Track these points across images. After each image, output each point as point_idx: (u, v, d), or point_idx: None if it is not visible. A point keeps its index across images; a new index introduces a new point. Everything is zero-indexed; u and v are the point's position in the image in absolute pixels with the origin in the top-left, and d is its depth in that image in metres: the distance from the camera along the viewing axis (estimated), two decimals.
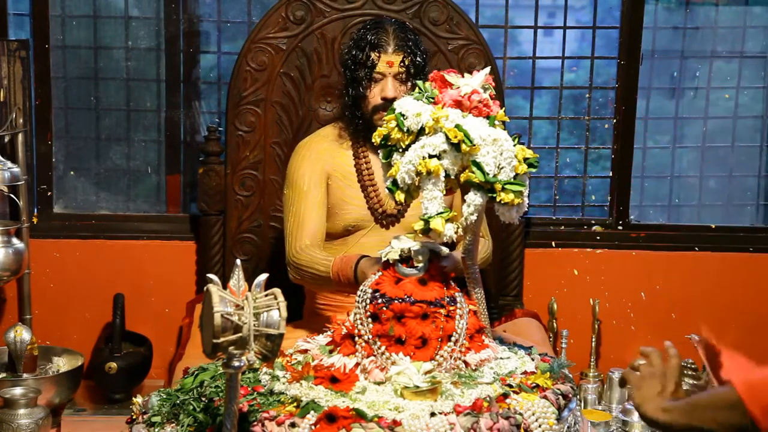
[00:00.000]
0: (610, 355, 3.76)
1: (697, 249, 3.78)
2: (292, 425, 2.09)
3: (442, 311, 2.28)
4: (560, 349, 3.53)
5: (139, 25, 3.73)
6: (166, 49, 3.72)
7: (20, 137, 3.46)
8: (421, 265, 2.34)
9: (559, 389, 2.28)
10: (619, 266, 3.76)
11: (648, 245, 3.77)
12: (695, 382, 2.96)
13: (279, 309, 1.93)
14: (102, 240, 3.65)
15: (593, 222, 3.80)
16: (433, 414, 2.12)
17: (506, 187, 2.28)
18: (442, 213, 2.29)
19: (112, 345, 3.41)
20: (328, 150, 2.97)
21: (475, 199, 2.30)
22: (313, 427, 2.08)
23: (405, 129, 2.33)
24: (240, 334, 1.90)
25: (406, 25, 2.99)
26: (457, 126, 2.27)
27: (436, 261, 2.38)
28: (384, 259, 2.37)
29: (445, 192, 2.33)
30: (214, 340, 1.88)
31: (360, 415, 2.09)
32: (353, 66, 2.89)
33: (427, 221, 2.29)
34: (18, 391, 3.07)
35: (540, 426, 2.18)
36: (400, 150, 2.35)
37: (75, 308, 3.65)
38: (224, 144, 3.41)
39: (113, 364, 3.35)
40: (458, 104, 2.35)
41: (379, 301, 2.28)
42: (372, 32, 2.89)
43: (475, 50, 3.36)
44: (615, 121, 3.75)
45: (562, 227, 3.79)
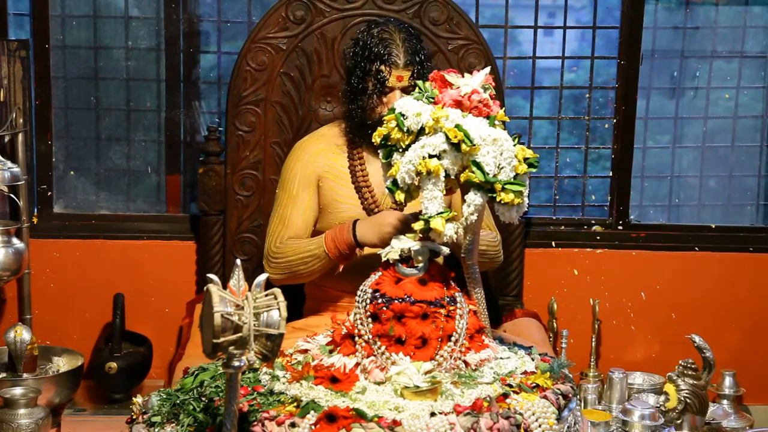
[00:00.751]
0: (610, 355, 3.76)
1: (697, 249, 3.78)
2: (292, 425, 2.09)
3: (442, 311, 2.28)
4: (560, 349, 3.53)
5: (139, 25, 3.73)
6: (166, 49, 3.72)
7: (20, 137, 3.46)
8: (421, 265, 2.34)
9: (559, 389, 2.28)
10: (619, 266, 3.76)
11: (648, 245, 3.77)
12: (695, 382, 2.95)
13: (279, 309, 1.94)
14: (102, 240, 3.65)
15: (593, 222, 3.80)
16: (433, 414, 2.12)
17: (506, 187, 2.28)
18: (442, 213, 2.29)
19: (112, 345, 3.41)
20: (323, 150, 2.97)
21: (475, 199, 2.30)
22: (313, 427, 2.08)
23: (405, 129, 2.33)
24: (240, 334, 1.90)
25: (412, 33, 2.94)
26: (457, 126, 2.27)
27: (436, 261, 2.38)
28: (384, 259, 2.37)
29: (445, 192, 2.33)
30: (214, 340, 1.88)
31: (360, 415, 2.09)
32: (361, 74, 2.88)
33: (427, 221, 2.29)
34: (18, 391, 3.07)
35: (540, 426, 2.18)
36: (400, 150, 2.35)
37: (75, 308, 3.65)
38: (224, 144, 3.41)
39: (113, 364, 3.35)
40: (458, 104, 2.35)
41: (379, 301, 2.28)
42: (381, 44, 2.85)
43: (475, 50, 3.36)
44: (615, 121, 3.75)
45: (562, 227, 3.79)
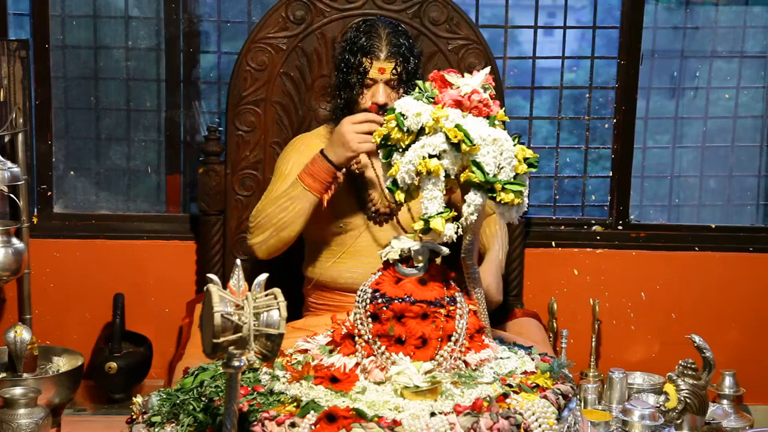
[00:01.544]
0: (610, 355, 3.77)
1: (697, 249, 3.78)
2: (292, 425, 2.09)
3: (442, 311, 2.28)
4: (560, 349, 3.53)
5: (139, 25, 3.73)
6: (166, 49, 3.72)
7: (20, 137, 3.46)
8: (421, 265, 2.34)
9: (559, 389, 2.28)
10: (619, 266, 3.76)
11: (648, 245, 3.77)
12: (695, 382, 2.95)
13: (279, 309, 1.93)
14: (102, 240, 3.65)
15: (593, 222, 3.80)
16: (433, 414, 2.12)
17: (506, 187, 2.28)
18: (442, 213, 2.29)
19: (112, 345, 3.41)
20: (319, 146, 2.98)
21: (475, 199, 2.30)
22: (313, 427, 2.08)
23: (405, 129, 2.33)
24: (240, 334, 1.90)
25: (399, 29, 2.95)
26: (457, 126, 2.27)
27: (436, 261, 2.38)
28: (384, 259, 2.37)
29: (445, 192, 2.33)
30: (214, 340, 1.88)
31: (360, 415, 2.09)
32: (345, 69, 2.89)
33: (427, 221, 2.29)
34: (18, 391, 3.07)
35: (540, 426, 2.18)
36: (400, 150, 2.35)
37: (75, 308, 3.66)
38: (224, 144, 3.41)
39: (113, 364, 3.35)
40: (458, 104, 2.35)
41: (379, 301, 2.28)
42: (365, 37, 2.87)
43: (475, 50, 3.36)
44: (615, 121, 3.75)
45: (562, 227, 3.79)
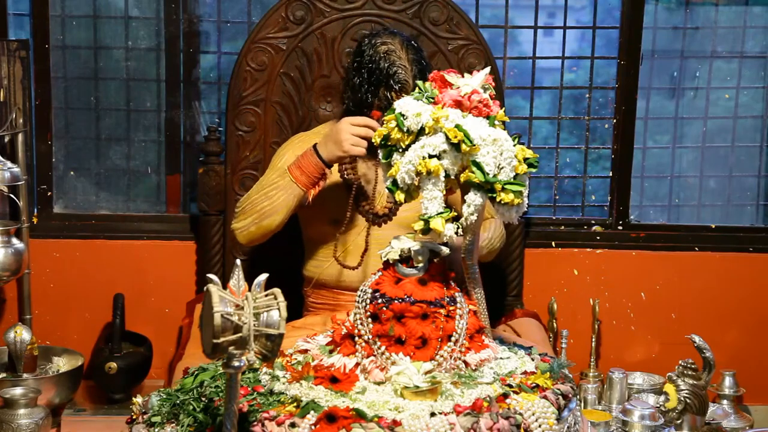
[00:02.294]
0: (610, 355, 3.76)
1: (697, 249, 3.78)
2: (292, 425, 2.09)
3: (442, 311, 2.28)
4: (560, 349, 3.53)
5: (139, 25, 3.73)
6: (166, 49, 3.72)
7: (20, 137, 3.46)
8: (421, 265, 2.34)
9: (559, 389, 2.28)
10: (619, 266, 3.76)
11: (648, 245, 3.77)
12: (695, 382, 2.95)
13: (279, 309, 1.94)
14: (102, 240, 3.65)
15: (593, 222, 3.80)
16: (433, 414, 2.12)
17: (506, 187, 2.28)
18: (442, 213, 2.29)
19: (112, 345, 3.41)
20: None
21: (475, 199, 2.30)
22: (313, 427, 2.08)
23: (405, 129, 2.33)
24: (240, 334, 1.90)
25: (420, 52, 2.93)
26: (457, 126, 2.27)
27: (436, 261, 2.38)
28: (384, 259, 2.37)
29: (445, 192, 2.33)
30: (214, 340, 1.88)
31: (360, 415, 2.09)
32: (366, 92, 2.88)
33: (427, 221, 2.29)
34: (18, 391, 3.07)
35: (540, 426, 2.18)
36: (400, 150, 2.35)
37: (75, 308, 3.65)
38: (224, 144, 3.41)
39: (113, 364, 3.35)
40: (458, 104, 2.35)
41: (379, 301, 2.28)
42: (393, 69, 2.84)
43: (475, 50, 3.36)
44: (615, 121, 3.75)
45: (562, 227, 3.79)
